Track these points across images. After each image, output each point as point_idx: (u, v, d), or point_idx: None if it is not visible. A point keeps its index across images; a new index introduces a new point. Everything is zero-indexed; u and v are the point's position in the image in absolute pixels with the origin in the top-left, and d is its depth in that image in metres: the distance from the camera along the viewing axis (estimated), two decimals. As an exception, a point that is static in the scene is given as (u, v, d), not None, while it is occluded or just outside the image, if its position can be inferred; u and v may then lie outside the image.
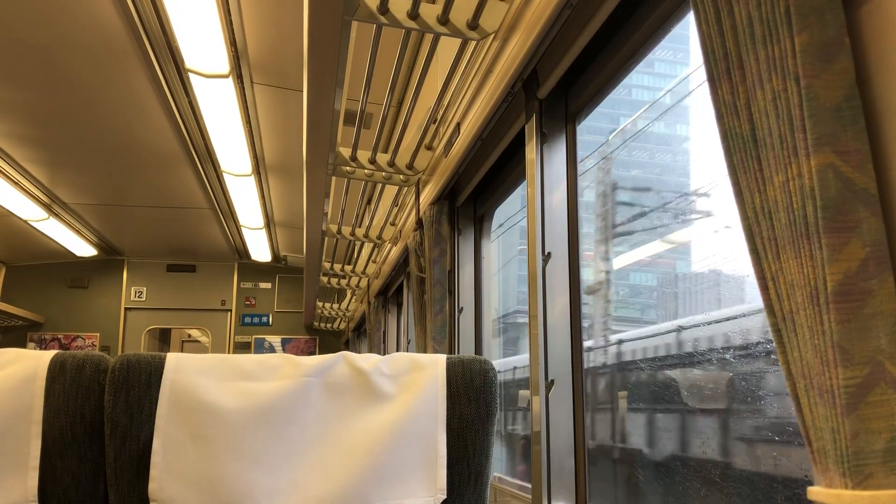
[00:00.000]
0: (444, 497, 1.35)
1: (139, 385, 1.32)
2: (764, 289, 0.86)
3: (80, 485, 1.34)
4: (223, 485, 1.29)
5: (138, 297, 8.87)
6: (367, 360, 1.42)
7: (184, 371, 1.35)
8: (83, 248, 8.08)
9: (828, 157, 0.77)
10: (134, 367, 1.32)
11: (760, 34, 0.85)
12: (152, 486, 1.28)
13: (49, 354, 1.36)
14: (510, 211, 3.30)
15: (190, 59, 3.67)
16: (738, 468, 1.80)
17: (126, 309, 8.84)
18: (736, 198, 0.90)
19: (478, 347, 3.03)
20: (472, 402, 1.39)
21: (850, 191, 0.77)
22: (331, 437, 1.36)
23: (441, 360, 1.43)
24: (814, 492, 0.78)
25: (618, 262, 2.96)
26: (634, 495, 2.40)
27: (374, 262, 5.51)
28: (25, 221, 6.69)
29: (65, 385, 1.33)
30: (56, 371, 1.34)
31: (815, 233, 0.77)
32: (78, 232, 7.46)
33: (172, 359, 1.36)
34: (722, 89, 0.93)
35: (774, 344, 0.85)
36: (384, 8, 1.96)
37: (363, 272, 6.04)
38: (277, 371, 1.38)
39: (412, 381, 1.41)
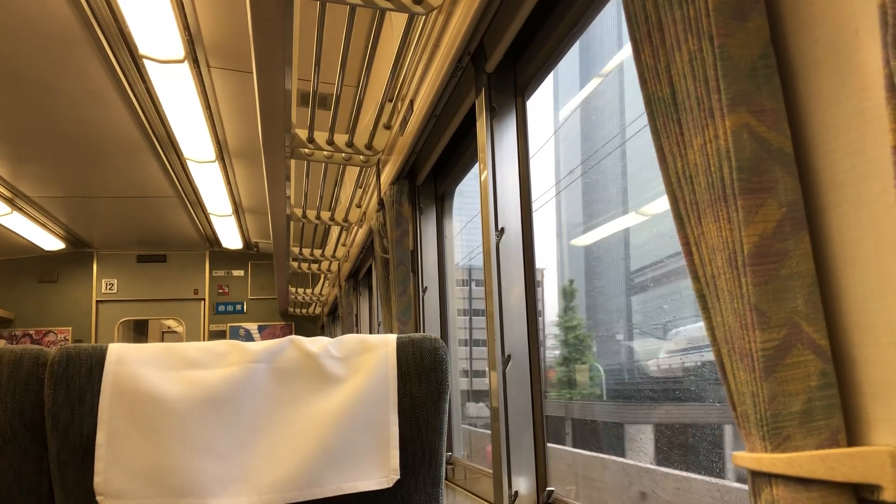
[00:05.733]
0: (398, 477, 1.34)
1: (80, 377, 1.29)
2: (688, 254, 0.84)
3: (23, 482, 1.31)
4: (171, 475, 1.27)
5: (109, 289, 8.74)
6: (315, 344, 1.40)
7: (126, 361, 1.32)
8: (51, 242, 7.94)
9: (742, 117, 0.76)
10: (74, 359, 1.29)
11: (678, -5, 0.83)
12: (97, 480, 1.26)
13: None
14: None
15: (143, 46, 3.59)
16: None
17: (98, 302, 8.70)
18: (660, 163, 0.89)
19: (443, 326, 3.01)
20: (423, 381, 1.38)
21: (765, 151, 0.75)
22: (281, 422, 1.35)
23: (391, 339, 1.41)
24: (738, 457, 0.77)
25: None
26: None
27: (343, 245, 5.47)
28: (-12, 217, 6.59)
29: (1, 381, 1.30)
30: None
31: (732, 195, 0.75)
32: (44, 226, 7.33)
33: (114, 349, 1.33)
34: (644, 53, 0.91)
35: (700, 310, 0.84)
36: (326, -16, 1.93)
37: (333, 255, 5.99)
38: (224, 358, 1.36)
39: (362, 362, 1.39)
